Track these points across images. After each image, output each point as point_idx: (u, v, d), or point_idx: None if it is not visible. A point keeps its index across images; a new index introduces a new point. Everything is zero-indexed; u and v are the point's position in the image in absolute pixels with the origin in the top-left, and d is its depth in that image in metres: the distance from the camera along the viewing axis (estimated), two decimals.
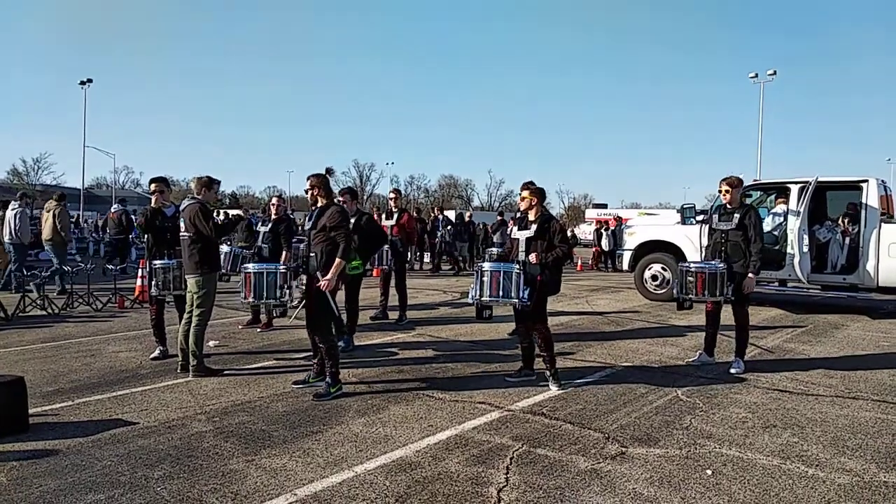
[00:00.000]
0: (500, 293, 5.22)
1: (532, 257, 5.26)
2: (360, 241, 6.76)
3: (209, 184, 5.81)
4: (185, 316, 5.78)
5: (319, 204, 5.22)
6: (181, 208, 5.87)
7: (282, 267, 5.70)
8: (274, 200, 8.31)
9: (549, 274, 5.35)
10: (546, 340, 5.39)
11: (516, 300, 5.21)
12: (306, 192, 5.31)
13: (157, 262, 6.11)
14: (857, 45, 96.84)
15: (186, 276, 5.74)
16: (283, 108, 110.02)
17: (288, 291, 5.44)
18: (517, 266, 5.29)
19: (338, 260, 5.01)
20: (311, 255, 5.14)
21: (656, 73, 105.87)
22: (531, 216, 5.53)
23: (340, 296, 6.89)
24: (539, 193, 5.58)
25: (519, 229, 5.61)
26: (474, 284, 5.42)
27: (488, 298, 5.31)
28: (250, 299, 5.56)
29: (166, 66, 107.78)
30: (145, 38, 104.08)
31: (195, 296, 5.62)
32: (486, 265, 5.39)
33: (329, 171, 5.43)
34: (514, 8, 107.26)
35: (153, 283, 6.12)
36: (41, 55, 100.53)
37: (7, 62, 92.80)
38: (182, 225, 5.71)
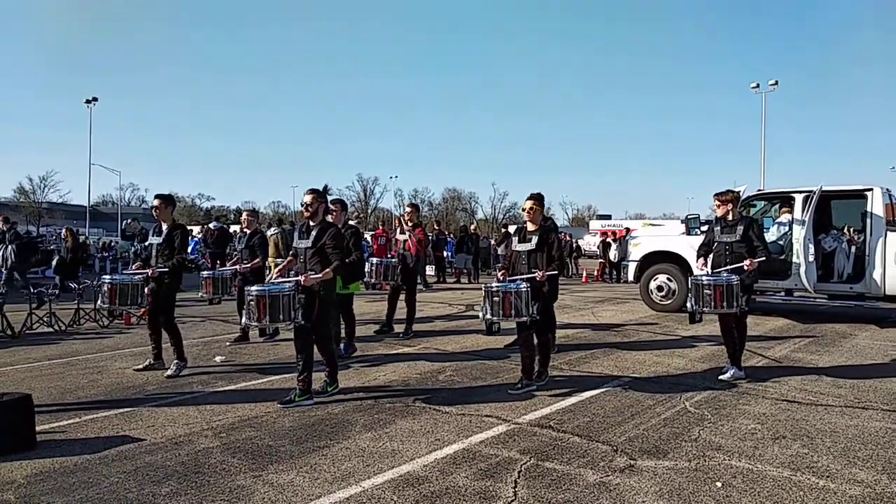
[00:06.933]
0: (513, 312, 5.33)
1: (538, 275, 5.35)
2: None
3: None
4: None
5: (315, 221, 5.36)
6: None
7: (288, 287, 5.17)
8: (244, 216, 8.56)
9: (550, 285, 5.58)
10: (548, 344, 5.74)
11: (527, 317, 5.34)
12: (303, 205, 5.39)
13: (105, 277, 6.37)
14: (860, 52, 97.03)
15: None
16: (287, 123, 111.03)
17: (300, 311, 5.13)
18: (524, 284, 5.36)
19: (329, 270, 5.18)
20: (310, 272, 5.20)
21: (659, 84, 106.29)
22: (530, 227, 5.61)
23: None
24: (541, 201, 5.68)
25: (519, 241, 5.66)
26: (483, 303, 5.50)
27: (500, 317, 5.47)
28: (265, 321, 5.12)
29: (170, 83, 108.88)
30: (150, 57, 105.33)
31: None
32: (495, 285, 5.45)
33: (326, 188, 5.51)
34: (516, 22, 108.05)
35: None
36: (46, 74, 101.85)
37: (13, 82, 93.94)
38: None
